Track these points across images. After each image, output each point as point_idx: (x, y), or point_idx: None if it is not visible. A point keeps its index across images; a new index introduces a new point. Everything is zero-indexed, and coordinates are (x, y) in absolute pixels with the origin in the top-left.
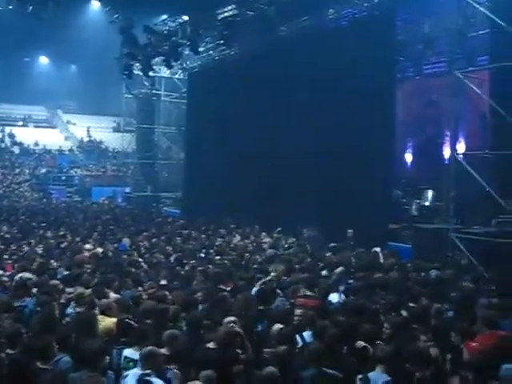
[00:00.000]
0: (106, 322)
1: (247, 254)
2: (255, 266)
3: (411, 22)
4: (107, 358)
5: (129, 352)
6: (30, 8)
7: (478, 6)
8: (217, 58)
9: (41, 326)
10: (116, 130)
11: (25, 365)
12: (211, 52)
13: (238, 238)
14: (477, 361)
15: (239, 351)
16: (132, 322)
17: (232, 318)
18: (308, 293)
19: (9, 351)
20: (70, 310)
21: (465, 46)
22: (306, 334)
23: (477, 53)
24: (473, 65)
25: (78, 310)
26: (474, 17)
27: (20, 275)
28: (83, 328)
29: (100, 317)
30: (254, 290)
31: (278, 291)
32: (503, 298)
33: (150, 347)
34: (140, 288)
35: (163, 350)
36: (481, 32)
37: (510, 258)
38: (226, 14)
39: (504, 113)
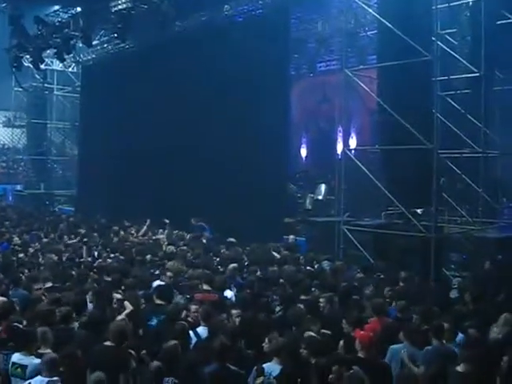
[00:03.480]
0: None
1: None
2: (152, 263)
3: (305, 21)
4: None
5: (16, 357)
6: None
7: (367, 8)
8: (111, 51)
9: None
10: (6, 124)
11: None
12: (106, 45)
13: (134, 234)
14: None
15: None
16: (20, 326)
17: (122, 316)
18: (205, 287)
19: None
20: None
21: (356, 45)
22: (200, 330)
23: (367, 52)
24: (363, 63)
25: None
26: (365, 17)
27: None
28: None
29: None
30: (154, 284)
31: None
32: (391, 286)
33: (51, 354)
34: (35, 287)
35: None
36: (370, 32)
37: (397, 247)
38: (119, 7)
39: (390, 110)
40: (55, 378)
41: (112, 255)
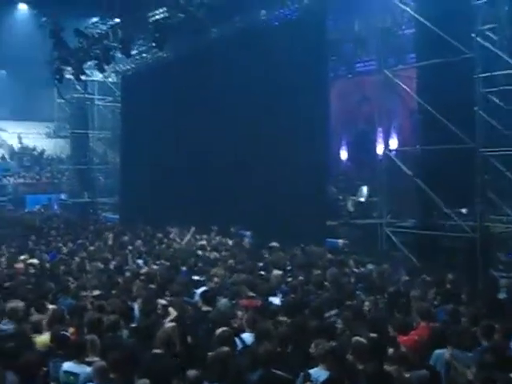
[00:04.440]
0: (42, 339)
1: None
2: (196, 269)
3: (342, 22)
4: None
5: (68, 366)
6: None
7: (403, 7)
8: (150, 60)
9: None
10: (49, 135)
11: None
12: (144, 55)
13: (178, 241)
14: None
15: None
16: (68, 334)
17: (168, 323)
18: (250, 294)
19: None
20: (3, 327)
21: (394, 44)
22: (246, 336)
23: (405, 51)
24: (402, 62)
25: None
26: (402, 15)
27: None
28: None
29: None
30: (199, 291)
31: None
32: (438, 288)
33: (101, 362)
34: (82, 295)
35: (96, 359)
36: (408, 30)
37: (442, 249)
38: (157, 17)
39: (430, 109)
40: None
41: (158, 262)
